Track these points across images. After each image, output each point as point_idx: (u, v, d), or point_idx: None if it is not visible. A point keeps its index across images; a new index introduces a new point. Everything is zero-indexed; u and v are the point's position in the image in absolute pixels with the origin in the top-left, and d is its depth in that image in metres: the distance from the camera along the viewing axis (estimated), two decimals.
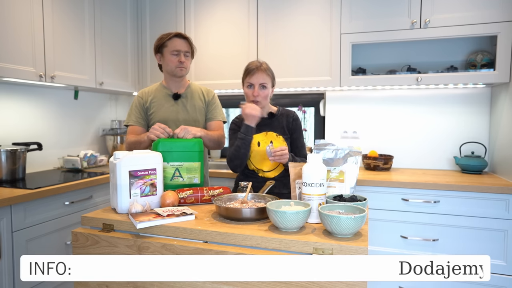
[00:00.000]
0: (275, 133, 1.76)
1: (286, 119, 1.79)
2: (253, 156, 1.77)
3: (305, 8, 2.50)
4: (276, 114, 1.80)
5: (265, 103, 1.75)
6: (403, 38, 2.29)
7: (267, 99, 1.74)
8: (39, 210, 1.84)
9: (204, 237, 1.12)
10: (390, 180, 2.10)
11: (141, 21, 2.94)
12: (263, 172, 1.76)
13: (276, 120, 1.79)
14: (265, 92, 1.71)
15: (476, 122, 2.46)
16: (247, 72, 1.73)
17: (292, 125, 1.78)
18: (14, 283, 1.71)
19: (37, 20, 2.10)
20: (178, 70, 1.86)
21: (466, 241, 1.99)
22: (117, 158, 1.26)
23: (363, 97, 2.69)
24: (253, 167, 1.77)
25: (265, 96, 1.71)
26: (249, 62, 1.76)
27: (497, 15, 2.10)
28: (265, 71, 1.70)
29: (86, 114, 2.89)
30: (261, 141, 1.76)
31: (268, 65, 1.75)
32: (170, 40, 1.84)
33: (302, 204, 1.14)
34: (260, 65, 1.71)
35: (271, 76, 1.74)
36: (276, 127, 1.78)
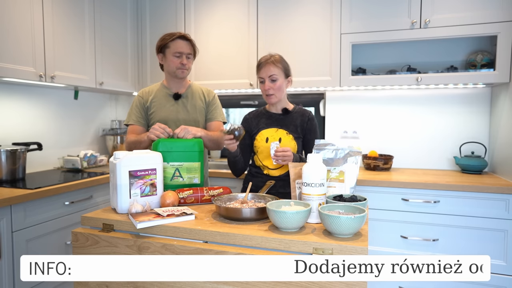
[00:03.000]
0: (286, 131, 1.74)
1: (301, 118, 1.75)
2: (260, 152, 1.76)
3: (305, 8, 2.50)
4: (291, 112, 1.77)
5: (280, 96, 1.71)
6: (403, 38, 2.29)
7: (281, 91, 1.70)
8: (39, 210, 1.84)
9: (204, 237, 1.12)
10: (390, 180, 2.10)
11: (141, 21, 2.94)
12: (268, 169, 1.75)
13: (289, 117, 1.76)
14: (276, 84, 1.67)
15: (476, 122, 2.46)
16: (257, 67, 1.72)
17: (307, 125, 1.74)
18: (14, 283, 1.71)
19: (37, 20, 2.10)
20: (180, 72, 1.85)
21: (466, 241, 1.99)
22: (117, 158, 1.26)
23: (363, 97, 2.69)
24: (260, 163, 1.77)
25: (277, 88, 1.68)
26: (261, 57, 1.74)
27: (497, 15, 2.10)
28: (273, 63, 1.67)
29: (86, 114, 2.89)
30: (270, 137, 1.74)
31: (280, 56, 1.71)
32: (173, 41, 1.83)
33: (302, 204, 1.14)
34: (269, 58, 1.69)
35: (282, 67, 1.69)
36: (288, 125, 1.74)
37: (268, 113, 1.81)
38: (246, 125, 1.82)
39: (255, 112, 1.86)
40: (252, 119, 1.83)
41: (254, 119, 1.83)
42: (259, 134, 1.78)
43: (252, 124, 1.82)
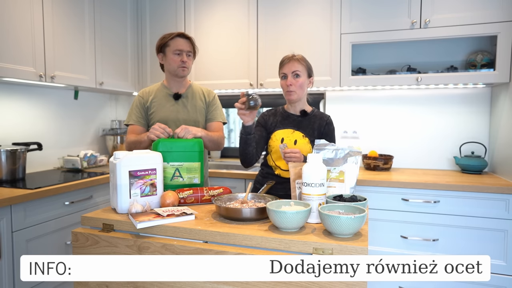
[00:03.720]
0: (302, 133, 1.71)
1: (319, 121, 1.73)
2: (274, 152, 1.74)
3: (305, 8, 2.50)
4: (309, 114, 1.75)
5: (300, 94, 1.68)
6: (403, 38, 2.29)
7: (302, 90, 1.68)
8: (39, 210, 1.84)
9: (204, 237, 1.12)
10: (390, 180, 2.10)
11: (141, 21, 2.95)
12: (280, 170, 1.73)
13: (307, 120, 1.74)
14: (299, 80, 1.66)
15: (476, 122, 2.46)
16: (280, 64, 1.72)
17: (324, 129, 1.71)
18: (14, 283, 1.71)
19: (37, 20, 2.10)
20: (180, 70, 1.86)
21: (466, 241, 2.00)
22: (117, 158, 1.26)
23: (363, 97, 2.69)
24: (272, 163, 1.75)
25: (300, 85, 1.66)
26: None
27: (497, 15, 2.10)
28: (298, 61, 1.67)
29: (86, 114, 2.89)
30: (285, 137, 1.72)
31: (303, 57, 1.71)
32: (172, 39, 1.84)
33: (302, 204, 1.14)
34: (293, 56, 1.69)
35: (306, 66, 1.68)
36: (305, 127, 1.72)
37: (286, 113, 1.78)
38: (263, 121, 1.79)
39: (273, 110, 1.83)
40: (270, 117, 1.80)
41: (272, 117, 1.80)
42: (274, 134, 1.75)
43: (269, 121, 1.79)
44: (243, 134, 1.64)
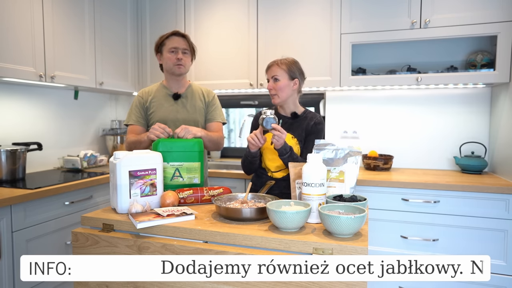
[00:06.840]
0: (292, 135, 1.72)
1: (307, 122, 1.72)
2: (265, 154, 1.75)
3: (305, 8, 2.50)
4: (299, 116, 1.75)
5: (282, 96, 1.69)
6: (403, 38, 2.29)
7: (284, 92, 1.68)
8: (39, 210, 1.84)
9: (204, 237, 1.12)
10: (390, 180, 2.10)
11: (141, 21, 2.95)
12: (271, 172, 1.75)
13: (298, 122, 1.74)
14: (278, 84, 1.67)
15: (476, 122, 2.46)
16: (265, 71, 1.77)
17: (312, 128, 1.71)
18: (14, 283, 1.71)
19: (37, 20, 2.10)
20: (176, 68, 1.85)
21: (466, 241, 1.99)
22: (117, 158, 1.26)
23: (363, 97, 2.69)
24: (264, 164, 1.77)
25: (279, 88, 1.67)
26: None
27: (497, 15, 2.10)
28: (278, 65, 1.69)
29: (86, 114, 2.89)
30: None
31: (287, 59, 1.71)
32: (168, 38, 1.86)
33: (302, 204, 1.14)
34: (275, 60, 1.72)
35: (287, 69, 1.68)
36: (295, 129, 1.73)
37: (278, 115, 1.80)
38: (256, 124, 1.80)
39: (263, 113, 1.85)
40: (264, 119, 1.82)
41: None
42: (265, 135, 1.76)
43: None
44: (248, 157, 1.69)
